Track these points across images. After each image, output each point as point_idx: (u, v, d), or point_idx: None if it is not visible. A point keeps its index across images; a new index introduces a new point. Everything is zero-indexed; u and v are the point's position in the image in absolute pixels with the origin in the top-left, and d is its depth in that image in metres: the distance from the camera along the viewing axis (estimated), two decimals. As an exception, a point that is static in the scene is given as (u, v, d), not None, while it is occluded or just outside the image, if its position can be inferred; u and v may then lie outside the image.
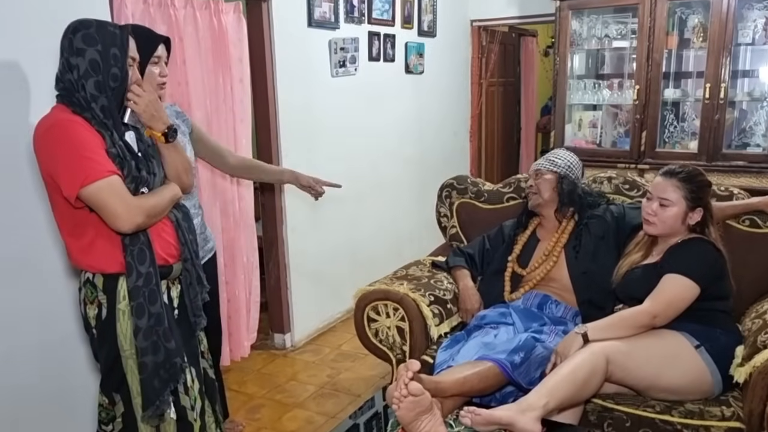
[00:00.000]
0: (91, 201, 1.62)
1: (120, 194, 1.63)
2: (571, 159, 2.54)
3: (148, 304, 1.72)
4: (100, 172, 1.61)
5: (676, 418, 1.96)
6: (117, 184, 1.64)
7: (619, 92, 4.23)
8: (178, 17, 2.72)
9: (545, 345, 2.10)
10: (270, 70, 3.38)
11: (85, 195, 1.61)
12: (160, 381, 1.74)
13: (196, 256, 1.92)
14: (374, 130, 4.22)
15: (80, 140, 1.62)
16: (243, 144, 3.14)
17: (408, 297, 2.42)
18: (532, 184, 2.54)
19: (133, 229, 1.67)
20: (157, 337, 1.73)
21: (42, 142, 1.65)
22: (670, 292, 2.03)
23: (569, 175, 2.49)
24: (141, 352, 1.72)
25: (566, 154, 2.57)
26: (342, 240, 4.02)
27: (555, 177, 2.49)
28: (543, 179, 2.50)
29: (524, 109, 6.54)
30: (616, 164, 3.98)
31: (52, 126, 1.64)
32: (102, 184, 1.61)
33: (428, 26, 4.64)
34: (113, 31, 1.67)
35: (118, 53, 1.66)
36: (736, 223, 2.43)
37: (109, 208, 1.62)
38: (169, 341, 1.75)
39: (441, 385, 1.86)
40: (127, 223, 1.64)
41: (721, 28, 3.65)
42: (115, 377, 1.78)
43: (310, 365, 3.48)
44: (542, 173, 2.51)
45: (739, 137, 3.92)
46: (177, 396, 1.84)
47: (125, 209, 1.63)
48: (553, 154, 2.57)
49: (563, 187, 2.48)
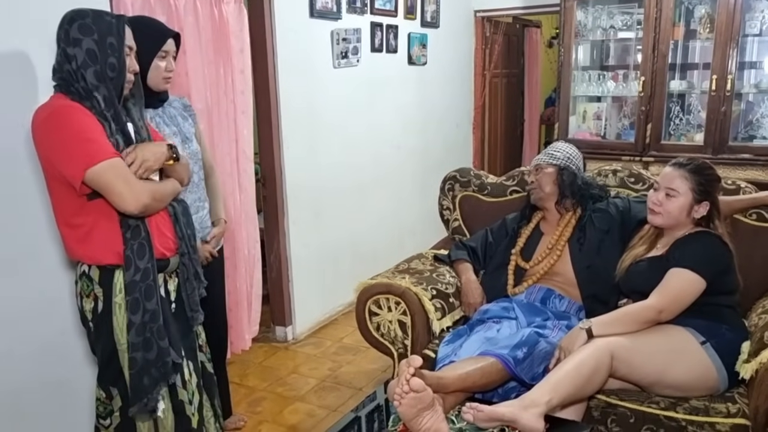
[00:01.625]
0: (96, 183, 1.61)
1: (124, 176, 1.63)
2: (570, 150, 2.52)
3: (144, 299, 1.70)
4: (103, 154, 1.60)
5: (681, 414, 1.93)
6: (121, 165, 1.63)
7: (624, 84, 4.19)
8: (178, 7, 2.68)
9: (548, 340, 2.08)
10: (271, 61, 3.34)
11: (90, 177, 1.60)
12: (150, 379, 1.73)
13: (194, 251, 1.91)
14: (376, 122, 4.18)
15: (81, 124, 1.61)
16: (244, 135, 3.11)
17: (410, 291, 2.40)
18: (533, 180, 2.52)
19: (140, 210, 1.66)
20: (151, 334, 1.72)
21: (42, 129, 1.63)
22: (675, 287, 2.00)
23: (569, 167, 2.47)
24: (132, 347, 1.71)
25: (565, 146, 2.55)
26: (344, 232, 4.00)
27: (555, 170, 2.47)
28: (543, 173, 2.48)
29: (528, 100, 6.49)
30: (621, 157, 3.95)
31: (51, 113, 1.63)
32: (106, 166, 1.60)
33: (431, 17, 4.59)
34: (109, 20, 1.66)
35: (114, 42, 1.65)
36: (743, 217, 2.41)
37: (115, 189, 1.61)
38: (162, 339, 1.74)
39: (443, 381, 1.84)
40: (133, 203, 1.63)
41: (728, 19, 3.61)
42: (112, 371, 1.77)
43: (311, 358, 3.47)
44: (542, 167, 2.49)
45: (746, 129, 3.88)
46: (175, 390, 1.82)
47: (131, 190, 1.62)
48: (552, 148, 2.55)
49: (563, 179, 2.46)
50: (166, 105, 2.24)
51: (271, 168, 3.48)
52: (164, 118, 2.21)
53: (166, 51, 2.08)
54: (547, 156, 2.51)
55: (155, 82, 2.09)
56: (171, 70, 2.13)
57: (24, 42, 2.09)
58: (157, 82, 2.11)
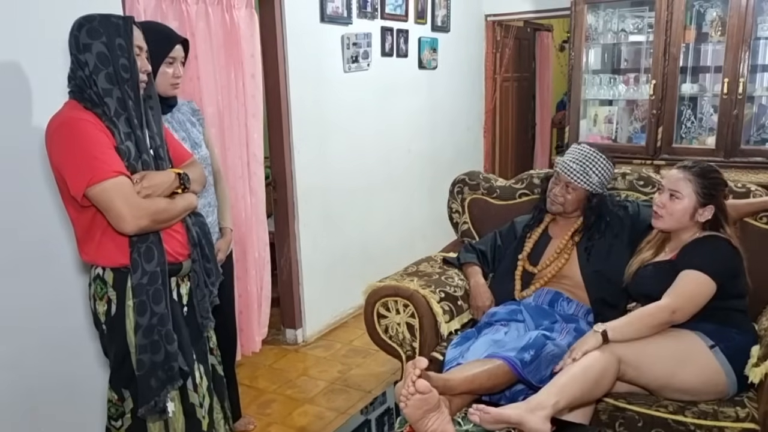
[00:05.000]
0: (96, 201, 1.63)
1: (126, 195, 1.63)
2: (607, 174, 2.37)
3: (151, 303, 1.71)
4: (106, 172, 1.61)
5: (690, 418, 1.93)
6: (123, 184, 1.64)
7: (635, 87, 4.18)
8: (190, 13, 2.72)
9: (556, 343, 2.08)
10: (282, 65, 3.37)
11: (91, 195, 1.62)
12: (157, 381, 1.74)
13: (207, 260, 1.92)
14: (387, 126, 4.20)
15: (88, 139, 1.62)
16: (255, 139, 3.14)
17: (418, 293, 2.41)
18: (558, 193, 2.40)
19: (136, 232, 1.67)
20: (159, 337, 1.73)
21: (52, 139, 1.66)
22: (688, 287, 1.99)
23: (602, 192, 2.40)
24: (139, 349, 1.72)
25: (601, 163, 2.35)
26: (354, 236, 4.02)
27: (586, 194, 2.38)
28: (573, 192, 2.38)
29: (539, 104, 6.48)
30: (632, 160, 3.94)
31: (61, 124, 1.65)
32: (108, 185, 1.61)
33: (442, 21, 4.61)
34: (116, 21, 1.67)
35: (123, 43, 1.66)
36: (753, 220, 2.39)
37: (114, 209, 1.62)
38: (171, 343, 1.74)
39: (450, 383, 1.85)
40: (130, 225, 1.64)
41: (740, 22, 3.59)
42: (124, 373, 1.79)
43: (321, 361, 3.49)
44: (572, 186, 2.37)
45: (758, 133, 3.86)
46: (186, 393, 1.84)
47: (130, 211, 1.62)
48: (587, 161, 2.34)
49: (592, 203, 2.38)
50: (174, 110, 2.26)
51: (281, 171, 3.50)
52: (173, 123, 2.23)
53: (173, 57, 2.10)
54: (582, 176, 2.33)
55: (163, 88, 2.11)
56: (179, 76, 2.15)
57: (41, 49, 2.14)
58: (165, 88, 2.12)
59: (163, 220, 1.74)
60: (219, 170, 2.50)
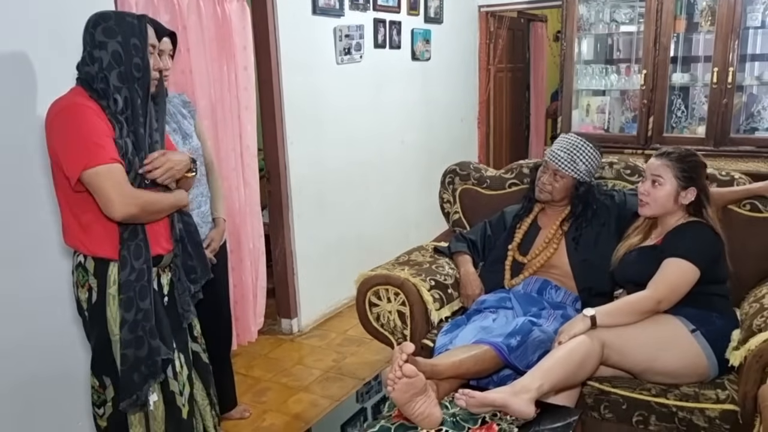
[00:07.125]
0: (90, 184, 1.66)
1: (118, 182, 1.66)
2: (594, 162, 2.42)
3: (138, 299, 1.75)
4: (103, 158, 1.65)
5: (672, 400, 1.98)
6: (117, 171, 1.67)
7: (627, 77, 4.20)
8: (181, 6, 2.74)
9: (542, 329, 2.12)
10: (274, 57, 3.39)
11: (85, 178, 1.65)
12: (140, 376, 1.77)
13: (190, 257, 1.95)
14: (380, 117, 4.23)
15: (89, 125, 1.66)
16: (248, 131, 3.16)
17: (409, 282, 2.44)
18: (546, 181, 2.44)
19: (125, 218, 1.70)
20: (143, 332, 1.76)
21: (54, 121, 1.69)
22: (672, 277, 2.03)
23: (589, 181, 2.44)
24: (124, 344, 1.75)
25: (589, 152, 2.40)
26: (348, 226, 4.06)
27: (573, 181, 2.42)
28: (560, 180, 2.42)
29: (534, 95, 6.51)
30: (624, 150, 3.97)
31: (65, 108, 1.68)
32: (102, 170, 1.64)
33: (435, 12, 4.63)
34: (131, 21, 1.71)
35: (138, 43, 1.70)
36: (736, 207, 2.43)
37: (104, 194, 1.65)
38: (154, 338, 1.77)
39: (437, 368, 1.89)
40: (119, 211, 1.67)
41: (729, 12, 3.62)
42: (105, 360, 1.81)
43: (316, 350, 3.53)
44: (560, 174, 2.42)
45: (748, 122, 3.89)
46: (166, 381, 1.86)
47: (120, 197, 1.66)
48: (575, 150, 2.39)
49: (579, 191, 2.43)
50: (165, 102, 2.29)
51: (275, 163, 3.53)
52: None
53: (161, 50, 2.13)
54: (569, 164, 2.38)
55: None
56: (167, 69, 2.18)
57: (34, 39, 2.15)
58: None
59: (153, 211, 1.77)
60: (212, 162, 2.53)
